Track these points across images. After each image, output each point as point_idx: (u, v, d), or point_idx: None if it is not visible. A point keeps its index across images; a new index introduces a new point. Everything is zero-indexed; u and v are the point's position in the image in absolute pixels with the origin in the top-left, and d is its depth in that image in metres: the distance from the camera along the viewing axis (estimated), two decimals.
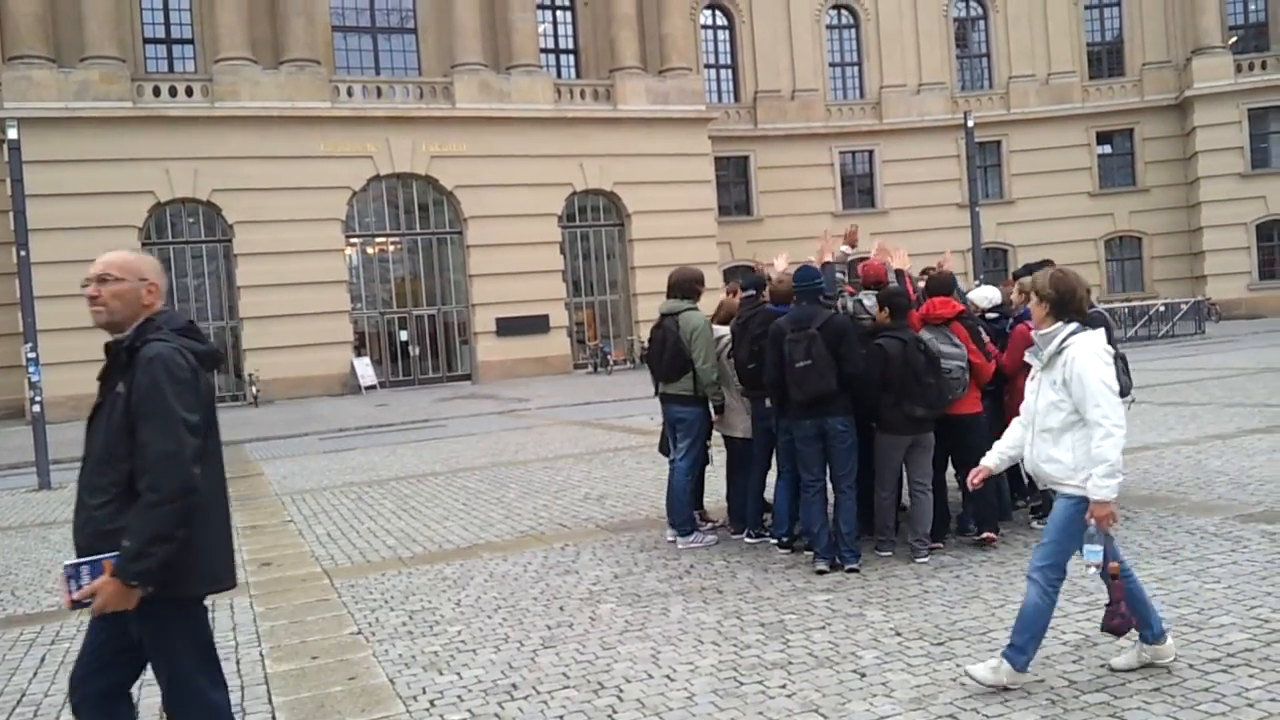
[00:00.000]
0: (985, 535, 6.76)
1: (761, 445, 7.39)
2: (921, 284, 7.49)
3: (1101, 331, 4.28)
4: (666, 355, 7.32)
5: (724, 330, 7.45)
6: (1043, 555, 4.22)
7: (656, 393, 7.68)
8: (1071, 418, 4.13)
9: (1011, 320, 7.45)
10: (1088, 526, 4.04)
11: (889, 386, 6.37)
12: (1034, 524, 7.19)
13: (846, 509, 6.38)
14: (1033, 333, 4.38)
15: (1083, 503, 4.06)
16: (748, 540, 7.35)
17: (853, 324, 6.51)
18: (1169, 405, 13.70)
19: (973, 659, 4.66)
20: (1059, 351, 4.16)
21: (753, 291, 7.47)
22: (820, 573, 6.29)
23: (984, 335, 7.09)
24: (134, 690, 3.45)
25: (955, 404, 6.71)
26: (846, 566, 6.30)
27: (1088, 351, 4.08)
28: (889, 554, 6.60)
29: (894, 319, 6.61)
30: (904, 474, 6.82)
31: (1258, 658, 4.39)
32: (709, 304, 7.87)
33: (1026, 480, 7.48)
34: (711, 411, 7.38)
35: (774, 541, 7.16)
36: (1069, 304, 4.25)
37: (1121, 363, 6.92)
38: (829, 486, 6.58)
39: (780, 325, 6.49)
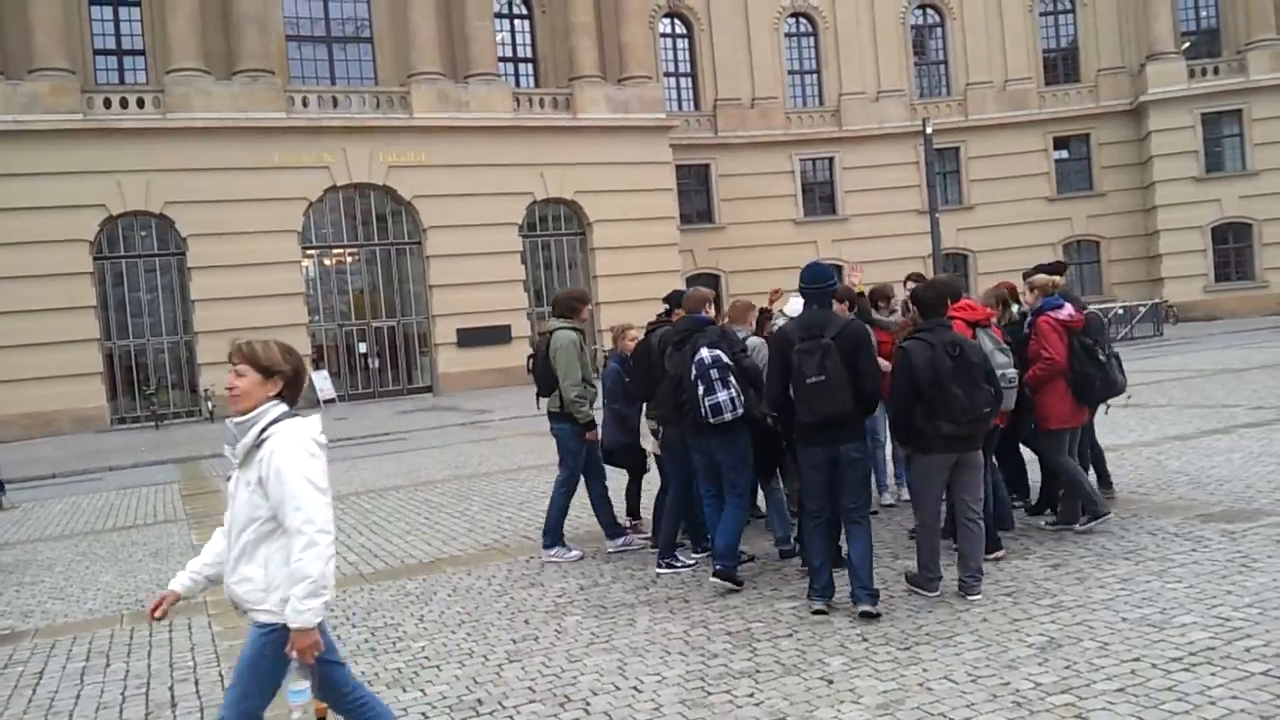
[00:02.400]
0: (995, 555, 6.30)
1: (677, 467, 6.95)
2: (904, 293, 7.64)
3: (314, 419, 3.35)
4: (538, 371, 7.61)
5: (757, 340, 7.04)
6: (232, 700, 3.30)
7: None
8: (268, 525, 3.23)
9: (1030, 318, 7.11)
10: (289, 660, 3.20)
11: (919, 399, 5.55)
12: (1043, 524, 7.22)
13: (861, 541, 5.46)
14: (229, 421, 3.35)
15: (283, 631, 3.17)
16: (658, 571, 6.89)
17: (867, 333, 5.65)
18: (1128, 407, 13.85)
19: (939, 663, 4.65)
20: (257, 444, 3.23)
21: (667, 308, 7.40)
22: (817, 613, 5.51)
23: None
24: None
25: None
26: (861, 609, 5.36)
27: (289, 442, 3.19)
28: (935, 594, 5.69)
29: (926, 318, 5.77)
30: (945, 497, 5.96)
31: (1220, 656, 4.42)
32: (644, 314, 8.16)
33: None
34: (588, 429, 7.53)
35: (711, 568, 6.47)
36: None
37: (1116, 361, 7.01)
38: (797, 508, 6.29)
39: (786, 333, 5.62)
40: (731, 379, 6.01)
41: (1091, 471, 7.58)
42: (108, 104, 28.08)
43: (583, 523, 8.47)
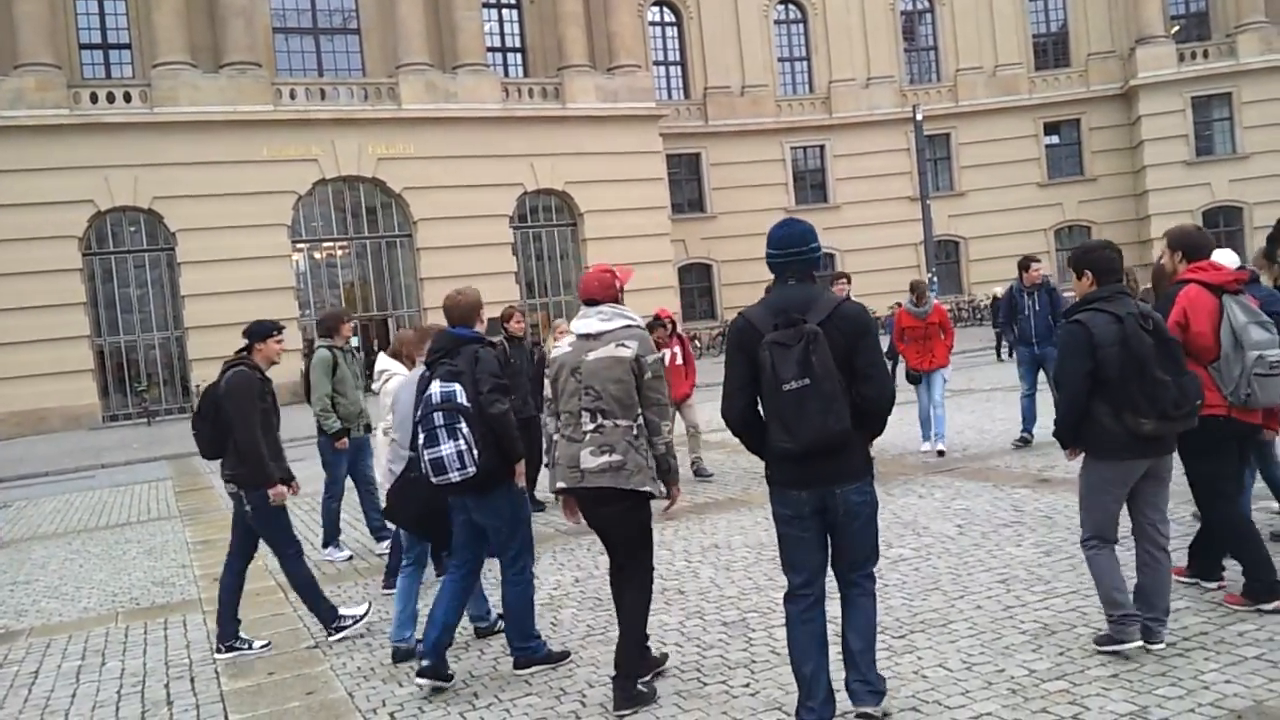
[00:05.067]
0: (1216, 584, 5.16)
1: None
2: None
3: None
4: (304, 386, 8.16)
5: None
6: None
7: None
8: None
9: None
10: None
11: (1102, 387, 4.29)
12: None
13: (864, 616, 3.87)
14: None
15: None
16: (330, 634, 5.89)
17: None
18: None
19: (934, 651, 4.67)
20: None
21: (247, 343, 6.03)
22: None
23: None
24: None
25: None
26: (860, 710, 3.80)
27: None
28: (1138, 642, 4.37)
29: (1101, 283, 4.46)
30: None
31: (1213, 640, 4.45)
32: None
33: None
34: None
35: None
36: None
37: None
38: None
39: (749, 321, 3.77)
40: (462, 427, 4.64)
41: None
42: (94, 99, 27.92)
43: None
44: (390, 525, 7.04)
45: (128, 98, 28.23)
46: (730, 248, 37.70)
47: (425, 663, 4.80)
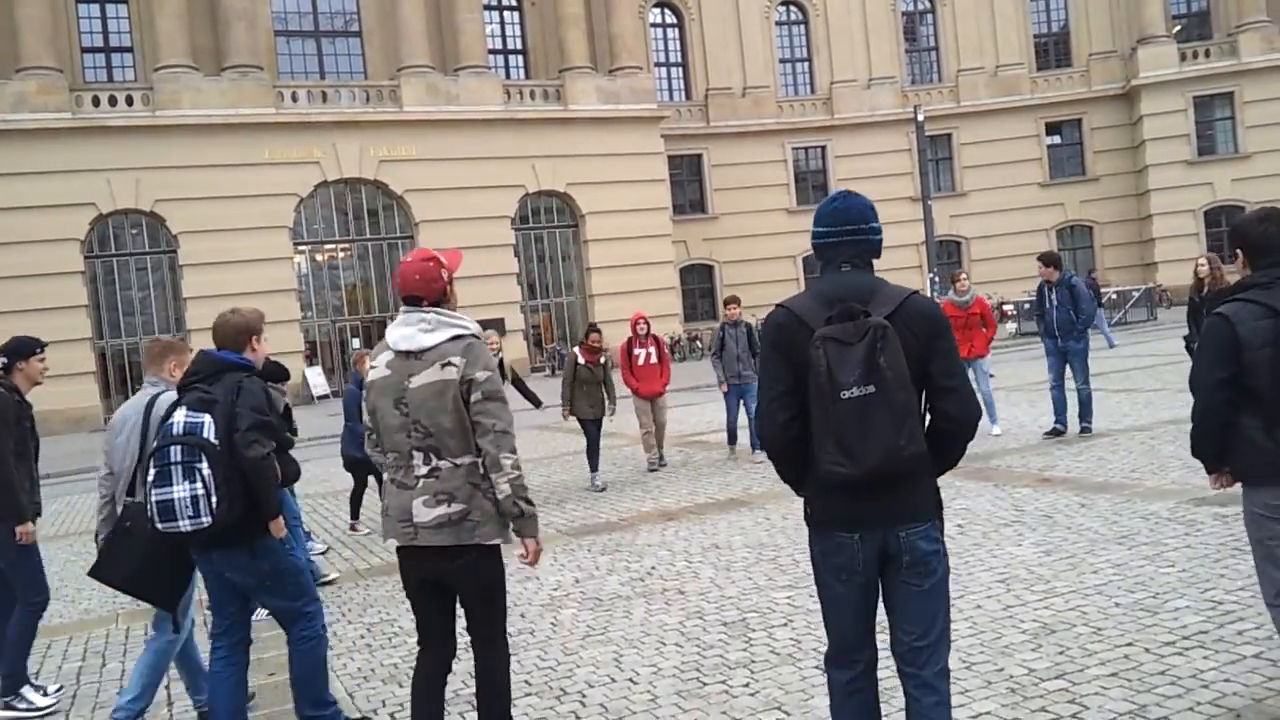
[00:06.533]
0: None
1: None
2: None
3: None
4: None
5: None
6: None
7: None
8: None
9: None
10: None
11: (1247, 399, 3.46)
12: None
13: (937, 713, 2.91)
14: None
15: None
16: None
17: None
18: (1123, 392, 13.91)
19: None
20: None
21: (4, 361, 5.56)
22: None
23: None
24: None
25: None
26: None
27: None
28: None
29: (1256, 267, 3.57)
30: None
31: (1212, 639, 4.44)
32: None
33: None
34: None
35: None
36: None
37: None
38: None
39: (794, 312, 2.90)
40: (203, 467, 3.84)
41: None
42: (96, 102, 27.98)
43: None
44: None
45: (129, 101, 28.29)
46: (732, 249, 37.71)
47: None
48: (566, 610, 5.97)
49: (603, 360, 10.69)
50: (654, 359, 11.20)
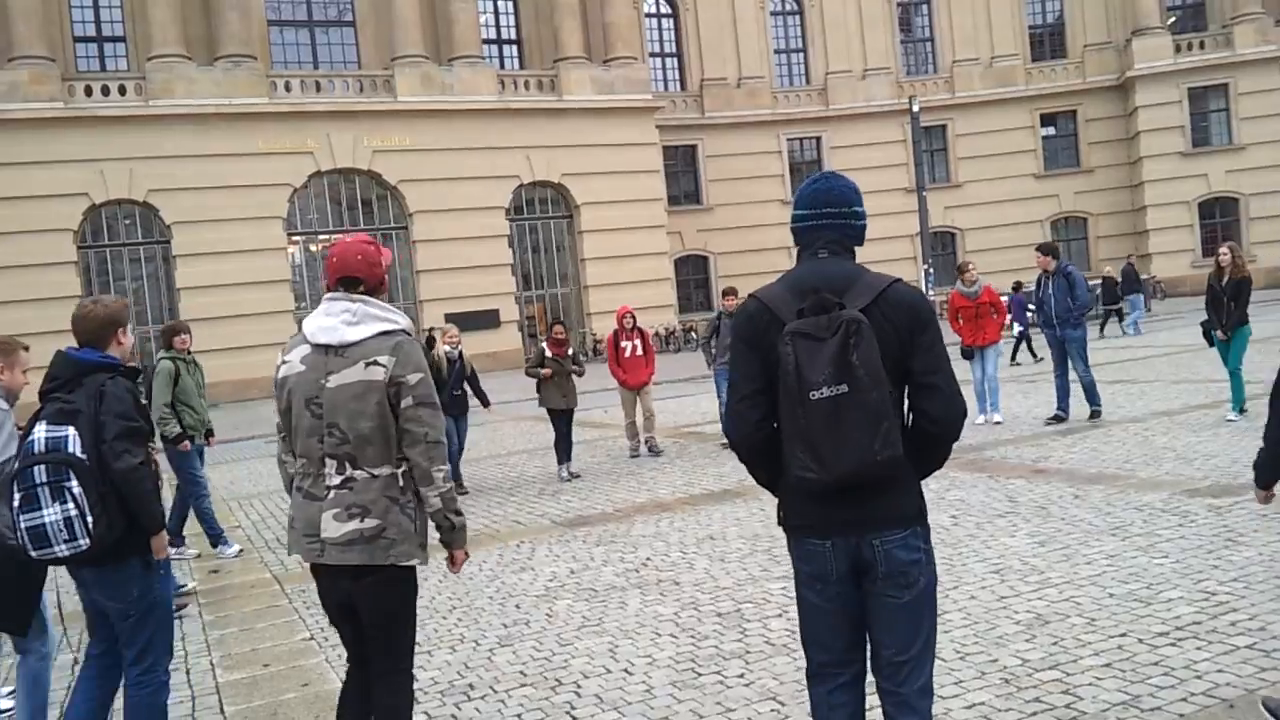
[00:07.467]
0: None
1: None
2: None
3: None
4: (147, 394, 8.28)
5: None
6: None
7: None
8: None
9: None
10: None
11: None
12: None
13: None
14: None
15: None
16: None
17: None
18: (1117, 383, 13.93)
19: None
20: None
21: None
22: None
23: None
24: None
25: None
26: None
27: None
28: None
29: None
30: None
31: (1205, 630, 4.45)
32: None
33: None
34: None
35: None
36: None
37: None
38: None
39: (765, 303, 2.70)
40: (73, 486, 3.45)
41: None
42: (89, 91, 27.87)
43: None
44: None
45: (122, 90, 28.18)
46: (727, 239, 37.69)
47: None
48: (561, 601, 5.98)
49: (569, 351, 11.05)
50: (639, 351, 11.60)
